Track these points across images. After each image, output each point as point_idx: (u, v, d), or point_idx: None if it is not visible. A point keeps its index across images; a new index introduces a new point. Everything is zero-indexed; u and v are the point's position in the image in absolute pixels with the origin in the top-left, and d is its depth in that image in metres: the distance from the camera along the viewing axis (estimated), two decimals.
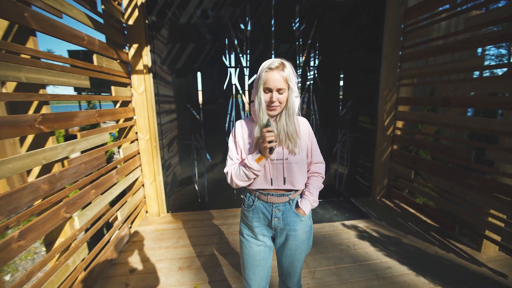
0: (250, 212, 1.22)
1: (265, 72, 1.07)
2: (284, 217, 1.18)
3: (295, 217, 1.18)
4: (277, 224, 1.18)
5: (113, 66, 2.30)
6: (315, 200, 1.21)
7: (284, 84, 1.07)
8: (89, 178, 1.92)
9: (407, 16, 2.93)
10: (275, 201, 1.17)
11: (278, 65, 1.07)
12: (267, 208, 1.18)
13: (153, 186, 2.93)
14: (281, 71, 1.06)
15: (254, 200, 1.21)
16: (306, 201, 1.18)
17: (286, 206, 1.18)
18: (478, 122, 2.13)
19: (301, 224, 1.19)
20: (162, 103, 2.87)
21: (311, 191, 1.21)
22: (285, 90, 1.08)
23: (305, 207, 1.17)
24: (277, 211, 1.17)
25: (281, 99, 1.09)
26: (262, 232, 1.23)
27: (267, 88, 1.08)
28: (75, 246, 1.74)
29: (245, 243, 1.26)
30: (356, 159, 3.38)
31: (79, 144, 1.78)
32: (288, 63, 1.10)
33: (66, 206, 1.64)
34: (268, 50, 2.95)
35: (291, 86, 1.08)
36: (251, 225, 1.22)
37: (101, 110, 2.05)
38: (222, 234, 2.57)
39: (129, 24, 2.49)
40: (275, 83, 1.06)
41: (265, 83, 1.08)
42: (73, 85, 1.66)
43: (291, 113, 1.11)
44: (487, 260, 2.08)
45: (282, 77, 1.06)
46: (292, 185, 1.17)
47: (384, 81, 3.07)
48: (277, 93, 1.08)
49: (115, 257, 2.23)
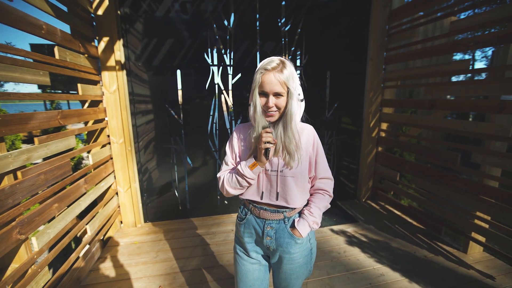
0: (242, 226, 1.11)
1: (260, 74, 0.94)
2: (277, 237, 1.03)
3: (289, 238, 1.02)
4: (268, 243, 1.05)
5: (80, 61, 2.03)
6: (315, 221, 1.03)
7: (283, 88, 0.93)
8: (51, 191, 1.66)
9: (391, 18, 2.92)
10: (267, 217, 1.04)
11: (275, 66, 0.93)
12: (259, 224, 1.06)
13: (128, 194, 2.67)
14: (279, 73, 0.92)
15: (246, 213, 1.10)
16: (304, 222, 1.02)
17: (281, 224, 1.04)
18: (464, 125, 2.15)
19: (296, 247, 1.03)
20: (137, 103, 2.61)
21: (311, 211, 1.04)
22: (284, 94, 0.94)
23: (302, 228, 1.01)
24: (270, 229, 1.04)
25: (279, 104, 0.95)
26: (254, 249, 1.11)
27: (262, 92, 0.95)
28: (32, 272, 1.48)
29: (238, 260, 1.14)
30: (341, 161, 3.34)
31: (36, 151, 1.51)
32: (289, 63, 0.96)
33: (20, 226, 1.37)
34: (253, 47, 2.80)
35: (290, 89, 0.94)
36: (243, 240, 1.11)
37: (65, 111, 1.79)
38: (206, 245, 2.39)
39: (98, 14, 2.22)
40: (271, 86, 0.92)
41: (260, 86, 0.95)
42: (28, 82, 1.39)
43: (288, 119, 0.96)
44: (473, 261, 2.09)
45: (279, 80, 0.92)
46: (286, 202, 1.02)
47: (370, 83, 3.05)
48: (274, 98, 0.94)
49: (84, 278, 1.96)
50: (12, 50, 1.33)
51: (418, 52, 2.59)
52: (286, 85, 0.93)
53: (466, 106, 2.17)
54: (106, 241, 2.46)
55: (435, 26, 4.72)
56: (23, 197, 1.40)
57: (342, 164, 3.35)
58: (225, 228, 2.69)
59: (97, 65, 2.34)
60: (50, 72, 1.65)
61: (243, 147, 1.09)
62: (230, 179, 1.03)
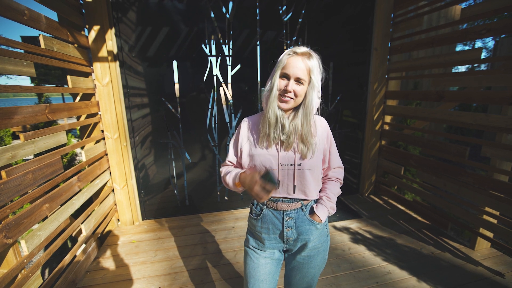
0: (258, 222, 1.06)
1: (288, 56, 0.92)
2: (297, 226, 1.02)
3: (310, 224, 1.02)
4: (289, 234, 1.02)
5: (69, 51, 1.89)
6: (332, 207, 1.04)
7: (306, 75, 0.91)
8: (40, 190, 1.55)
9: (397, 5, 2.79)
10: (286, 208, 1.01)
11: (304, 52, 0.92)
12: (277, 216, 1.03)
13: (125, 191, 2.57)
14: (306, 59, 0.91)
15: (262, 208, 1.06)
16: (323, 207, 1.02)
17: (299, 213, 1.02)
18: (474, 118, 2.06)
19: (317, 233, 1.03)
20: (132, 96, 2.49)
21: (329, 196, 1.05)
22: (305, 83, 0.92)
23: (321, 213, 1.01)
24: (289, 219, 1.02)
25: (297, 92, 0.92)
26: (271, 246, 1.07)
27: (284, 74, 0.92)
28: (23, 277, 1.39)
29: (250, 255, 1.10)
30: (344, 155, 3.26)
31: (22, 148, 1.40)
32: (317, 55, 0.95)
33: (7, 229, 1.28)
34: (253, 37, 2.66)
35: (312, 80, 0.92)
36: (260, 236, 1.07)
37: (54, 104, 1.67)
38: (207, 243, 2.31)
39: (88, 1, 2.07)
40: (295, 70, 0.90)
41: (284, 67, 0.92)
42: (10, 73, 1.27)
43: (308, 112, 0.95)
44: (481, 258, 2.04)
45: (306, 65, 0.90)
46: (305, 195, 1.01)
47: (374, 74, 2.95)
48: (294, 83, 0.92)
49: (80, 280, 1.88)
50: None
51: (425, 41, 2.47)
52: (309, 74, 0.91)
53: (476, 98, 2.08)
54: (102, 240, 2.38)
55: (439, 16, 4.59)
56: (8, 198, 1.30)
57: (344, 158, 3.26)
58: (225, 225, 2.61)
59: (88, 56, 2.20)
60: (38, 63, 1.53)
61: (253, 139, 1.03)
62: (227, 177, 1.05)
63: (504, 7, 1.82)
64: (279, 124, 0.96)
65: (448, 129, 5.07)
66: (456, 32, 2.13)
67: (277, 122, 0.96)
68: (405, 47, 2.74)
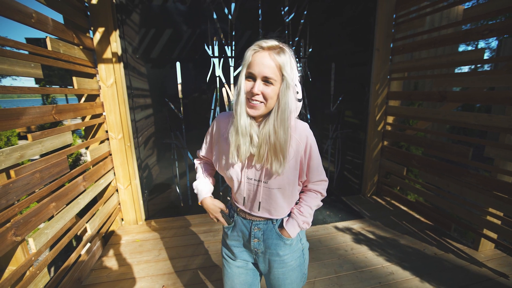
0: (228, 229, 1.03)
1: (252, 51, 0.77)
2: (265, 238, 0.95)
3: (277, 239, 0.94)
4: (256, 246, 0.96)
5: (74, 52, 1.93)
6: (305, 221, 0.93)
7: (275, 73, 0.75)
8: (47, 189, 1.58)
9: (398, 5, 2.80)
10: (254, 218, 0.95)
11: (272, 46, 0.77)
12: (246, 225, 0.97)
13: (129, 191, 2.60)
14: (275, 54, 0.75)
15: (233, 214, 1.01)
16: (293, 222, 0.92)
17: (268, 225, 0.95)
18: (477, 118, 2.06)
19: (286, 248, 0.95)
20: (136, 97, 2.52)
21: (301, 210, 0.93)
22: (276, 82, 0.76)
23: (290, 228, 0.91)
24: (257, 230, 0.95)
25: (267, 94, 0.77)
26: (241, 256, 1.03)
27: (250, 74, 0.78)
28: (31, 274, 1.42)
29: (224, 263, 1.07)
30: (346, 156, 3.26)
31: (30, 148, 1.43)
32: (289, 50, 0.79)
33: (16, 227, 1.30)
34: (255, 38, 2.67)
35: (286, 78, 0.76)
36: (229, 244, 1.03)
37: (60, 105, 1.70)
38: (209, 243, 2.33)
39: (92, 3, 2.10)
40: (261, 68, 0.75)
41: (249, 66, 0.78)
42: (19, 74, 1.30)
43: (284, 117, 0.77)
44: (485, 259, 2.04)
45: (274, 61, 0.75)
46: (269, 213, 0.93)
47: (376, 75, 2.95)
48: (262, 84, 0.77)
49: (85, 278, 1.91)
50: (0, 40, 1.23)
51: (428, 41, 2.47)
52: (281, 71, 0.76)
53: (479, 98, 2.08)
54: (107, 239, 2.40)
55: (442, 16, 4.59)
56: (17, 197, 1.33)
57: (346, 159, 3.27)
58: None
59: (93, 57, 2.23)
60: (43, 64, 1.56)
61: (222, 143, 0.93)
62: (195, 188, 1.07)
63: (507, 7, 1.82)
64: (248, 135, 0.81)
65: (451, 129, 5.05)
66: (459, 32, 2.13)
67: (246, 132, 0.81)
68: (407, 48, 2.74)
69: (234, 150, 0.84)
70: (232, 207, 1.03)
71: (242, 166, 0.88)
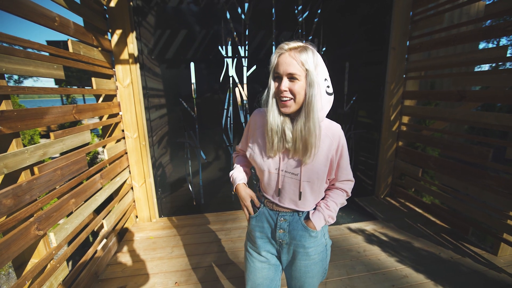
0: (253, 220, 1.06)
1: (277, 55, 0.85)
2: (290, 229, 0.99)
3: (303, 230, 0.97)
4: (282, 236, 1.00)
5: (93, 54, 1.99)
6: (331, 215, 0.97)
7: (299, 69, 0.80)
8: (68, 186, 1.65)
9: (416, 3, 2.73)
10: (281, 209, 1.00)
11: (294, 46, 0.82)
12: (272, 216, 1.01)
13: (143, 189, 2.67)
14: (296, 53, 0.81)
15: (260, 206, 1.06)
16: (320, 215, 0.96)
17: (294, 216, 0.99)
18: (498, 118, 1.98)
19: (311, 240, 0.98)
20: (151, 97, 2.58)
21: (328, 204, 0.98)
22: (301, 77, 0.81)
23: (316, 220, 0.95)
24: (283, 221, 0.99)
25: (294, 89, 0.82)
26: (265, 247, 1.06)
27: (276, 75, 0.85)
28: (51, 267, 1.48)
29: (248, 257, 1.11)
30: (359, 156, 3.21)
31: (52, 146, 1.49)
32: (313, 47, 0.84)
33: (38, 222, 1.37)
34: (269, 38, 2.69)
35: (310, 73, 0.80)
36: (254, 235, 1.07)
37: (80, 105, 1.76)
38: (221, 241, 2.36)
39: (111, 6, 2.17)
40: (285, 67, 0.81)
41: (275, 68, 0.85)
42: (43, 75, 1.36)
43: (311, 109, 0.82)
44: (505, 264, 1.96)
45: (296, 59, 0.80)
46: (296, 205, 0.97)
47: (391, 74, 2.89)
48: (288, 81, 0.83)
49: (102, 272, 1.97)
50: (26, 43, 1.29)
51: (446, 39, 2.40)
52: (304, 67, 0.80)
53: (501, 97, 2.00)
54: (122, 235, 2.48)
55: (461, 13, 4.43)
56: (40, 192, 1.39)
57: (359, 159, 3.22)
58: (240, 224, 2.65)
59: (111, 58, 2.30)
60: (64, 66, 1.62)
61: (257, 136, 0.99)
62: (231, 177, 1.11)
63: None
64: (280, 131, 0.88)
65: (470, 130, 4.87)
66: (480, 29, 2.06)
67: (278, 130, 0.88)
68: (425, 46, 2.67)
69: (268, 144, 0.91)
70: (259, 199, 1.07)
71: (274, 159, 0.94)
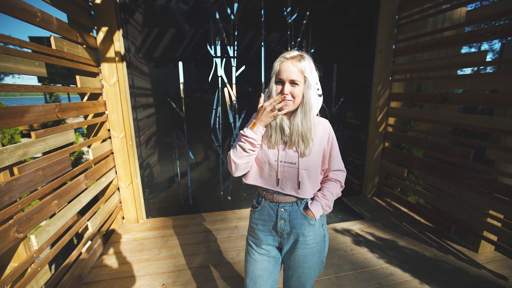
0: (256, 213, 1.13)
1: (279, 62, 0.98)
2: (290, 219, 1.06)
3: (303, 219, 1.05)
4: (282, 227, 1.06)
5: (78, 51, 1.94)
6: (328, 204, 1.06)
7: (299, 76, 0.96)
8: (50, 187, 1.59)
9: (401, 7, 2.80)
10: (281, 200, 1.07)
11: (294, 56, 0.97)
12: (273, 208, 1.08)
13: (130, 190, 2.61)
14: (297, 62, 0.96)
15: (260, 200, 1.13)
16: (317, 204, 1.05)
17: (294, 206, 1.06)
18: (479, 120, 2.06)
19: (310, 229, 1.05)
20: (138, 96, 2.53)
21: (324, 194, 1.07)
22: (300, 83, 0.97)
23: (315, 209, 1.04)
24: (283, 211, 1.06)
25: (294, 93, 0.97)
26: (266, 240, 1.12)
27: (279, 80, 0.98)
28: (32, 271, 1.43)
29: (248, 250, 1.17)
30: (346, 157, 3.26)
31: (33, 146, 1.44)
32: (308, 56, 1.00)
33: (18, 224, 1.32)
34: (258, 38, 2.69)
35: (308, 79, 0.97)
36: (256, 228, 1.13)
37: (63, 104, 1.71)
38: (210, 242, 2.34)
39: (96, 3, 2.12)
40: (288, 73, 0.95)
41: (277, 73, 0.99)
42: (23, 73, 1.32)
43: (307, 109, 0.99)
44: (485, 261, 2.04)
45: (297, 67, 0.96)
46: (296, 192, 1.04)
47: (378, 76, 2.95)
48: (290, 86, 0.97)
49: (86, 275, 1.92)
50: (5, 38, 1.24)
51: (430, 43, 2.48)
52: (303, 74, 0.96)
53: (481, 100, 2.08)
54: (108, 237, 2.42)
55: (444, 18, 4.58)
56: (20, 194, 1.34)
57: (347, 160, 3.27)
58: (229, 225, 2.64)
59: (96, 56, 2.25)
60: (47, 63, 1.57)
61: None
62: (235, 148, 1.04)
63: (510, 9, 1.82)
64: (278, 127, 1.02)
65: (453, 131, 5.03)
66: (462, 34, 2.13)
67: (277, 126, 1.02)
68: (410, 49, 2.74)
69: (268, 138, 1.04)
70: (259, 195, 1.14)
71: (274, 151, 1.04)
